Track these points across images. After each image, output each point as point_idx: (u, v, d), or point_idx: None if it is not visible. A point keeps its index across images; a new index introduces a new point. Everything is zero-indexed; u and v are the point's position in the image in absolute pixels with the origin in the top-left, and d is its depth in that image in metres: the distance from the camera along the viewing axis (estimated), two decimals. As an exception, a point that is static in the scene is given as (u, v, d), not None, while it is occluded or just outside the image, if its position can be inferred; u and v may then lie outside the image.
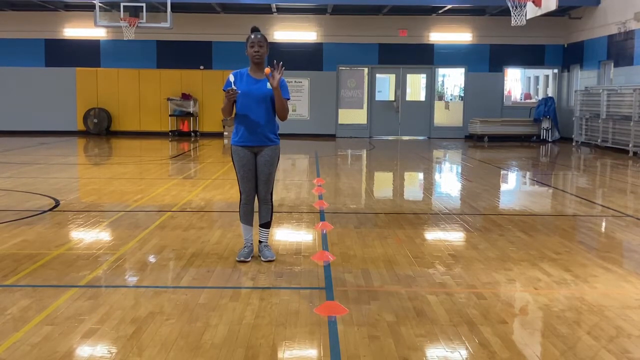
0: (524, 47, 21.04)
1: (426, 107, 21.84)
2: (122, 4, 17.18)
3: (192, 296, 4.55)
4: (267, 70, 5.16)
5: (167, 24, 17.50)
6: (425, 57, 21.31)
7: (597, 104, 17.48)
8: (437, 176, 12.87)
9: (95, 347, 3.66)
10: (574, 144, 18.98)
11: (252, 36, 5.32)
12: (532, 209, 8.56)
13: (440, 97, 23.87)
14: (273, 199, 5.66)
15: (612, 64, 17.86)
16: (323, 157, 14.95)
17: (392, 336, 3.83)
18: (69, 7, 20.66)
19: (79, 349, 3.63)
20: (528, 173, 13.17)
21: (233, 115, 5.47)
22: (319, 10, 20.76)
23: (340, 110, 21.66)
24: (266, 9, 20.21)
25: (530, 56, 21.30)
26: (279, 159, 5.58)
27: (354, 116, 21.83)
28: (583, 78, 19.70)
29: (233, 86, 5.26)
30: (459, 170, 13.74)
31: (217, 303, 4.39)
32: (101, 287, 4.79)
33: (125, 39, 18.03)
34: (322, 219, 7.37)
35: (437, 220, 7.54)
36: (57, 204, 8.21)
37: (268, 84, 5.28)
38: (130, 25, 17.27)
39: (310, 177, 11.39)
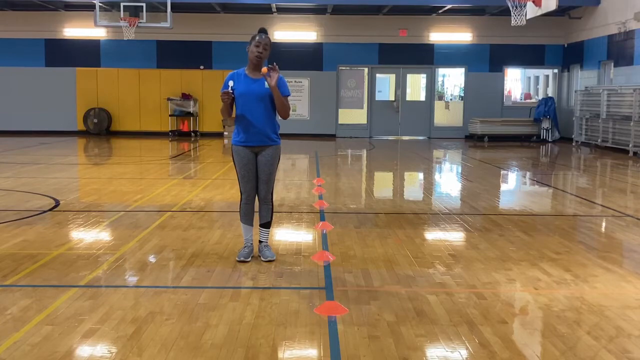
0: (524, 47, 21.04)
1: (426, 107, 21.84)
2: (122, 4, 17.18)
3: (192, 296, 4.55)
4: (265, 69, 5.16)
5: (167, 24, 17.49)
6: (425, 57, 21.31)
7: (597, 104, 17.48)
8: (437, 176, 12.87)
9: (95, 347, 3.66)
10: (574, 144, 18.98)
11: (259, 37, 5.30)
12: (532, 209, 8.55)
13: (440, 97, 23.87)
14: (273, 199, 5.66)
15: (612, 64, 17.85)
16: (323, 157, 14.94)
17: (392, 336, 3.83)
18: (69, 7, 20.66)
19: (79, 349, 3.63)
20: (528, 173, 13.17)
21: (233, 116, 5.47)
22: (319, 10, 20.76)
23: (340, 110, 21.66)
24: (266, 9, 20.21)
25: (530, 56, 21.30)
26: (279, 159, 5.58)
27: (354, 116, 21.83)
28: (583, 78, 19.70)
29: (230, 89, 5.26)
30: (459, 170, 13.74)
31: (217, 303, 4.39)
32: (101, 287, 4.79)
33: (125, 39, 18.02)
34: (322, 219, 7.37)
35: (437, 220, 7.54)
36: (57, 204, 8.21)
37: (266, 83, 5.27)
38: (130, 25, 17.26)
39: (310, 177, 11.39)
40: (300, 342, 3.75)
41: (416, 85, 23.05)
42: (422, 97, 22.38)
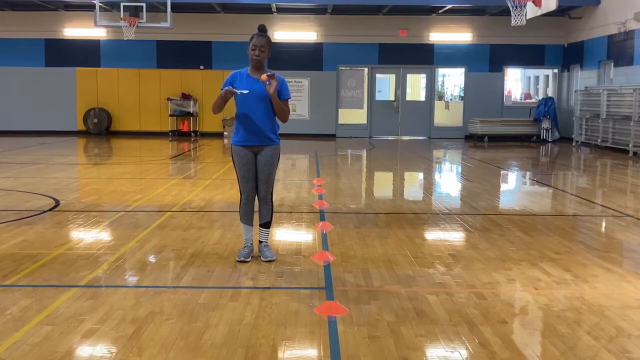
0: (524, 47, 21.04)
1: (426, 107, 21.84)
2: (122, 4, 17.18)
3: (192, 296, 4.55)
4: (264, 77, 5.14)
5: (167, 24, 17.49)
6: (425, 57, 21.31)
7: (597, 104, 17.48)
8: (437, 176, 12.87)
9: (95, 347, 3.66)
10: (574, 144, 18.98)
11: (255, 39, 5.29)
12: (532, 209, 8.55)
13: (440, 97, 23.87)
14: (273, 199, 5.66)
15: (612, 64, 17.86)
16: (323, 157, 14.95)
17: (392, 336, 3.83)
18: (69, 7, 20.66)
19: (79, 349, 3.63)
20: (528, 173, 13.17)
21: (231, 116, 5.46)
22: (319, 10, 20.76)
23: (340, 110, 21.66)
24: (266, 9, 20.22)
25: (530, 56, 21.30)
26: (279, 159, 5.58)
27: (354, 116, 21.83)
28: (583, 78, 19.70)
29: (234, 89, 5.23)
30: (459, 170, 13.74)
31: (217, 303, 4.39)
32: (101, 287, 4.79)
33: (125, 39, 18.02)
34: (322, 219, 7.37)
35: (437, 220, 7.54)
36: (57, 204, 8.21)
37: (262, 75, 5.23)
38: (130, 25, 17.26)
39: (310, 177, 11.39)
40: (300, 342, 3.75)
41: (416, 85, 23.05)
42: (422, 97, 22.38)
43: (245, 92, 5.22)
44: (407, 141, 20.71)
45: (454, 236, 6.76)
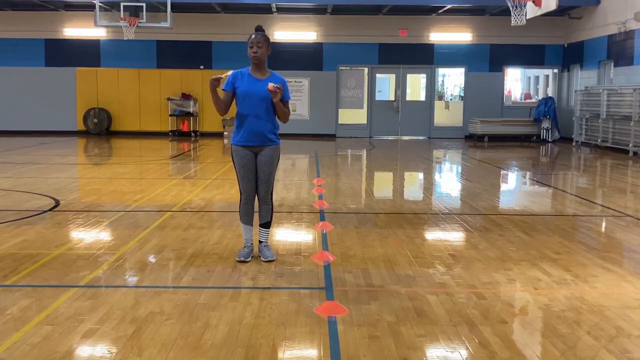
0: (524, 47, 21.05)
1: (426, 107, 21.84)
2: (122, 4, 17.18)
3: (192, 296, 4.55)
4: (270, 87, 5.15)
5: (167, 24, 17.49)
6: (425, 57, 21.31)
7: (597, 104, 17.49)
8: (437, 176, 12.87)
9: (95, 347, 3.66)
10: (574, 144, 18.98)
11: (252, 36, 5.33)
12: (532, 209, 8.55)
13: (440, 97, 23.87)
14: (273, 199, 5.66)
15: (612, 64, 17.86)
16: (323, 157, 14.95)
17: (392, 336, 3.83)
18: (69, 7, 20.67)
19: (79, 349, 3.63)
20: (528, 173, 13.17)
21: (231, 116, 5.47)
22: (319, 10, 20.76)
23: (340, 110, 21.67)
24: (266, 9, 20.22)
25: (530, 56, 21.30)
26: (279, 159, 5.58)
27: (354, 116, 21.84)
28: (583, 78, 19.70)
29: (220, 77, 5.26)
30: (459, 170, 13.74)
31: (217, 303, 4.39)
32: (101, 287, 4.79)
33: (125, 38, 18.03)
34: (322, 219, 7.37)
35: (437, 220, 7.54)
36: (57, 204, 8.21)
37: (269, 84, 5.27)
38: (130, 25, 17.27)
39: (310, 177, 11.39)
40: (300, 342, 3.75)
41: (416, 85, 23.06)
42: (422, 97, 22.39)
43: (220, 77, 5.24)
44: (407, 141, 20.71)
45: (454, 236, 6.76)
